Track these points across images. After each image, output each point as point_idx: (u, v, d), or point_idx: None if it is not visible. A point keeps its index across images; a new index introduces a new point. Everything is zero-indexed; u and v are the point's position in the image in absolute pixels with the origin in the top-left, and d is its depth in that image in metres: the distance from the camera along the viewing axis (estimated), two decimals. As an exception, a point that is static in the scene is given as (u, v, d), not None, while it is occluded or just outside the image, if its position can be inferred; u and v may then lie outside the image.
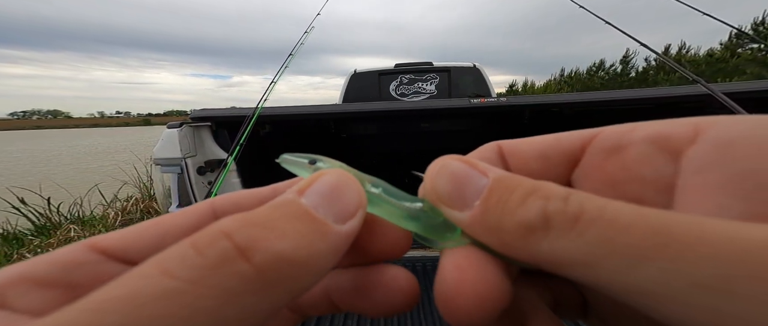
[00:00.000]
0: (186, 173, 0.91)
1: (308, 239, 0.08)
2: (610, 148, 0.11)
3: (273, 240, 0.08)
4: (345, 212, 0.10)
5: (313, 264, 0.08)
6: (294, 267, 0.08)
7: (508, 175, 0.10)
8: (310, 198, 0.09)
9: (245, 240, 0.08)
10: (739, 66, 15.91)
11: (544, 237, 0.08)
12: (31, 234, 2.61)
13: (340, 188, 0.10)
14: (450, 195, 0.10)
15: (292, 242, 0.08)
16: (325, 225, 0.09)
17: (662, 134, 0.10)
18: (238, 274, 0.07)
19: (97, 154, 14.57)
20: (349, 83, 2.95)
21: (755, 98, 0.83)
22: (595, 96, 0.99)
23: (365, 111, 0.97)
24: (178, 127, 0.90)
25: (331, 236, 0.09)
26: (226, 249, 0.07)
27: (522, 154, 0.13)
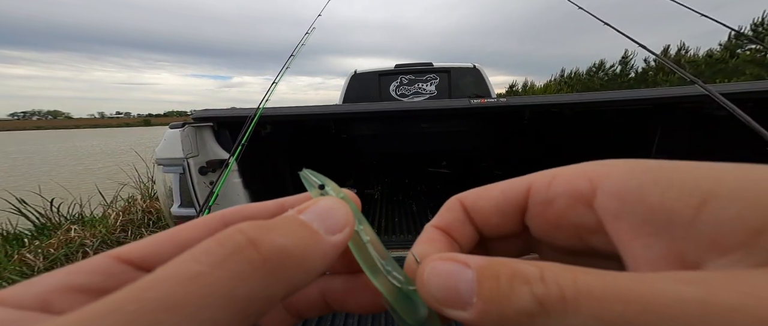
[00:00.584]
0: (188, 173, 0.91)
1: (304, 241, 0.11)
2: (542, 202, 0.13)
3: (277, 236, 0.10)
4: (334, 227, 0.12)
5: (306, 262, 0.10)
6: (291, 260, 0.10)
7: (484, 263, 0.11)
8: (307, 216, 0.12)
9: (255, 235, 0.09)
10: (738, 67, 15.93)
11: (545, 318, 0.09)
12: (32, 234, 2.61)
13: (332, 210, 0.12)
14: (448, 300, 0.11)
15: (291, 240, 0.10)
16: (317, 234, 0.11)
17: (573, 189, 0.12)
18: (248, 259, 0.09)
19: (98, 155, 14.56)
20: (350, 84, 2.95)
21: (751, 99, 0.84)
22: (595, 96, 0.99)
23: (366, 111, 0.97)
24: (180, 128, 0.90)
25: (322, 243, 0.11)
26: (240, 241, 0.09)
27: (483, 210, 0.15)
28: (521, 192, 0.14)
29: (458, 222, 0.15)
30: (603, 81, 25.42)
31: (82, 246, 2.28)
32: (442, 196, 0.18)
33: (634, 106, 1.24)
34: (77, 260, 0.96)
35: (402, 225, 1.38)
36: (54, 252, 2.18)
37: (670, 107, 1.29)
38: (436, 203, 1.77)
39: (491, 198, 0.15)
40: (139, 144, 14.86)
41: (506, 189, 0.14)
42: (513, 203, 0.14)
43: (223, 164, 0.90)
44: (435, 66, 2.91)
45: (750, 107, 0.71)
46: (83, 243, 2.30)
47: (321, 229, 0.11)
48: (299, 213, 0.12)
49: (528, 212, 0.14)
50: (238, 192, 1.03)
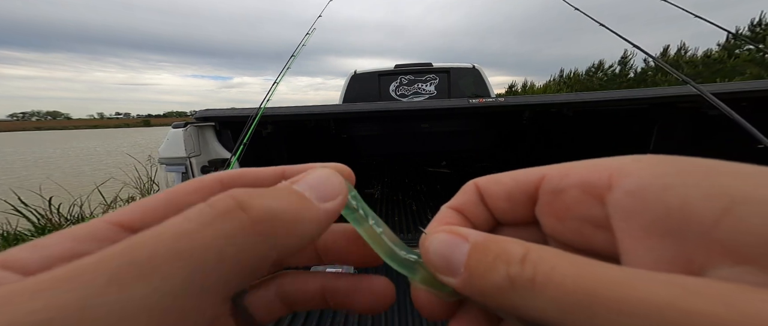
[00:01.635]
0: (190, 172, 0.92)
1: (294, 206, 0.11)
2: (552, 192, 0.13)
3: (266, 199, 0.10)
4: (326, 195, 0.12)
5: (297, 226, 0.10)
6: (281, 223, 0.10)
7: (481, 240, 0.11)
8: (299, 185, 0.12)
9: (245, 199, 0.10)
10: (736, 67, 15.96)
11: (514, 295, 0.10)
12: (32, 234, 2.61)
13: (325, 179, 0.12)
14: (441, 266, 0.12)
15: (281, 203, 0.10)
16: (308, 201, 0.11)
17: (586, 181, 0.12)
18: (237, 220, 0.09)
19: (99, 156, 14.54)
20: (349, 84, 2.96)
21: (745, 98, 0.85)
22: (593, 96, 1.00)
23: (366, 111, 0.98)
24: (183, 127, 0.91)
25: (313, 210, 0.11)
26: (230, 204, 0.09)
27: (493, 194, 0.15)
28: (533, 180, 0.14)
29: (472, 203, 0.16)
30: (602, 81, 25.45)
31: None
32: (442, 196, 0.19)
33: (630, 105, 1.26)
34: None
35: (402, 225, 1.38)
36: (55, 252, 2.19)
37: (666, 107, 1.30)
38: (436, 203, 1.78)
39: (503, 183, 0.15)
40: (137, 146, 14.81)
41: (518, 176, 0.15)
42: (523, 190, 0.14)
43: (224, 163, 0.90)
44: (434, 66, 2.92)
45: (745, 107, 0.72)
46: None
47: (313, 197, 0.11)
48: (292, 184, 0.12)
49: (538, 202, 0.14)
50: None
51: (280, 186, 0.12)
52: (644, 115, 1.42)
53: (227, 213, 0.09)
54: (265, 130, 1.25)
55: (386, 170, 2.64)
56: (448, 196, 0.16)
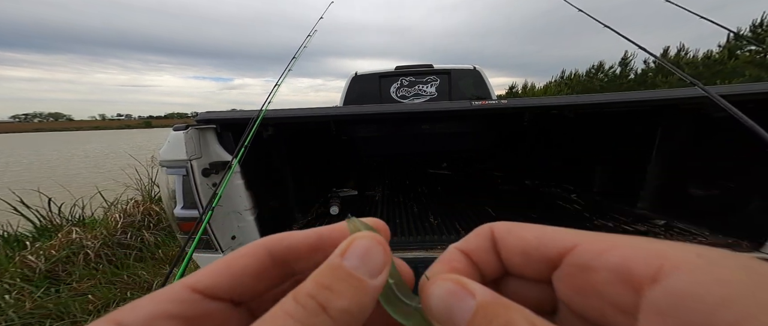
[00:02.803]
0: (191, 175, 0.92)
1: (356, 296, 0.12)
2: (581, 266, 0.13)
3: (338, 300, 0.12)
4: (375, 269, 0.13)
5: (360, 312, 0.12)
6: (349, 315, 0.12)
7: (489, 300, 0.12)
8: (349, 261, 0.13)
9: (324, 301, 0.12)
10: (737, 68, 15.94)
11: None
12: (33, 236, 2.61)
13: (371, 250, 0.13)
14: (443, 318, 0.12)
15: (347, 300, 0.12)
16: (362, 282, 0.13)
17: (627, 268, 0.11)
18: (324, 321, 0.11)
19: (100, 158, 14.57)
20: (350, 85, 2.96)
21: (752, 100, 0.84)
22: (595, 98, 1.00)
23: (368, 113, 0.98)
24: (184, 130, 0.91)
25: (368, 289, 0.12)
26: (315, 306, 0.12)
27: (510, 246, 0.15)
28: (560, 248, 0.13)
29: (483, 250, 0.15)
30: (602, 82, 25.45)
31: (82, 248, 2.28)
32: (442, 197, 0.18)
33: (634, 107, 1.25)
34: (78, 262, 0.96)
35: (403, 227, 1.38)
36: (55, 254, 2.18)
37: (670, 109, 1.30)
38: (437, 204, 1.78)
39: (524, 239, 0.15)
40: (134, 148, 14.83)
41: (544, 236, 0.14)
42: (545, 254, 0.14)
43: (225, 166, 0.90)
44: (435, 68, 2.92)
45: (751, 109, 0.71)
46: (84, 244, 2.30)
47: (365, 275, 0.13)
48: (343, 258, 0.13)
49: (560, 270, 0.13)
50: (240, 194, 1.03)
51: (339, 271, 0.13)
52: (647, 116, 1.41)
53: (316, 315, 0.11)
54: (266, 132, 1.25)
55: (387, 171, 2.64)
56: (449, 197, 0.16)
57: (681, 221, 1.26)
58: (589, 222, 1.32)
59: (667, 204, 1.35)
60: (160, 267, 2.30)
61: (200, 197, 0.93)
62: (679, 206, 1.30)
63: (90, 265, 2.19)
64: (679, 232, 1.17)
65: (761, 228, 0.97)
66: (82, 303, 1.83)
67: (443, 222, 1.37)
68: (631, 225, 1.27)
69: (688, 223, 1.23)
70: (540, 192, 1.86)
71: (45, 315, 1.72)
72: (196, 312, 0.13)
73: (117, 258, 2.29)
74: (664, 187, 1.38)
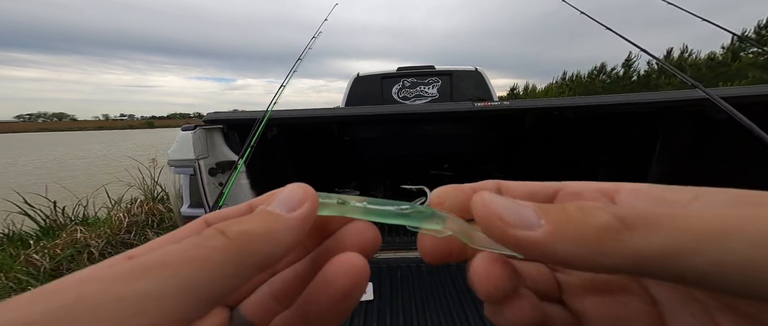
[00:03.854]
0: (198, 174, 0.93)
1: (266, 222, 0.13)
2: (573, 193, 0.16)
3: (241, 225, 0.12)
4: (292, 205, 0.14)
5: (271, 236, 0.13)
6: (256, 237, 0.12)
7: (540, 204, 0.13)
8: (272, 206, 0.14)
9: (223, 226, 0.12)
10: (740, 70, 15.85)
11: (628, 236, 0.10)
12: (37, 235, 2.63)
13: (291, 192, 0.14)
14: (516, 221, 0.12)
15: (253, 224, 0.13)
16: (278, 215, 0.13)
17: (601, 188, 0.16)
18: (218, 241, 0.12)
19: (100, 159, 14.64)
20: (352, 87, 2.97)
21: (754, 103, 0.85)
22: (597, 100, 1.00)
23: (372, 114, 0.99)
24: (192, 130, 0.92)
25: (284, 220, 0.13)
26: (212, 231, 0.12)
27: (515, 191, 0.17)
28: (553, 187, 0.17)
29: (491, 189, 0.17)
30: (605, 84, 25.34)
31: (87, 247, 2.30)
32: None
33: (635, 109, 1.25)
34: (83, 261, 0.98)
35: (404, 228, 1.38)
36: (60, 253, 2.20)
37: (671, 110, 1.30)
38: None
39: (526, 184, 0.17)
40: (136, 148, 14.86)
41: (538, 184, 0.17)
42: (545, 190, 0.17)
43: (232, 166, 0.91)
44: (437, 69, 2.93)
45: (753, 111, 0.72)
46: (88, 243, 2.32)
47: (283, 211, 0.14)
48: (266, 206, 0.14)
49: (557, 199, 0.16)
50: (245, 193, 1.04)
51: (257, 211, 0.14)
52: (648, 118, 1.41)
53: (211, 237, 0.12)
54: (270, 133, 1.26)
55: (389, 172, 2.64)
56: None
57: None
58: None
59: None
60: (163, 266, 2.32)
61: (207, 196, 0.95)
62: None
63: (94, 264, 2.21)
64: None
65: None
66: (87, 302, 1.85)
67: None
68: None
69: None
70: None
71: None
72: None
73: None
74: None
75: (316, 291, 0.14)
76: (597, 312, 0.15)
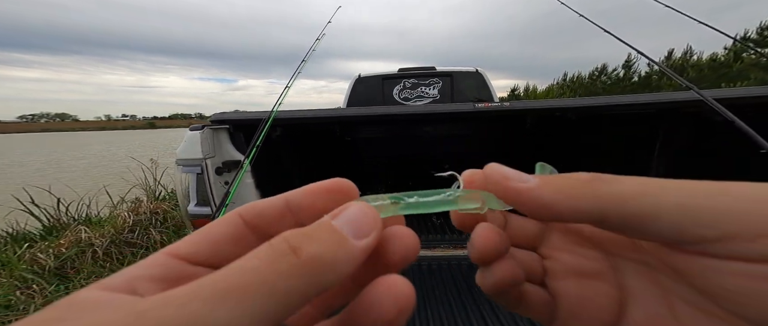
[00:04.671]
0: (205, 173, 0.95)
1: (334, 247, 0.12)
2: None
3: (313, 245, 0.12)
4: (361, 232, 0.13)
5: (336, 266, 0.12)
6: (324, 265, 0.12)
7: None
8: (338, 221, 0.13)
9: (296, 243, 0.12)
10: (742, 71, 15.80)
11: (599, 185, 0.14)
12: (41, 234, 2.66)
13: (361, 215, 0.14)
14: (514, 176, 0.16)
15: (324, 247, 0.12)
16: (345, 238, 0.13)
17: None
18: (291, 262, 0.11)
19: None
20: (353, 87, 2.99)
21: (749, 104, 0.86)
22: (597, 101, 1.02)
23: (375, 115, 1.01)
24: (199, 130, 0.94)
25: (350, 247, 0.13)
26: (285, 248, 0.12)
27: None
28: None
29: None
30: (605, 85, 25.29)
31: (90, 246, 2.32)
32: None
33: (634, 110, 1.26)
34: (87, 259, 1.00)
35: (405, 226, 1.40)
36: (65, 252, 2.22)
37: (670, 112, 1.31)
38: None
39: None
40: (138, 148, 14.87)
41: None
42: None
43: (237, 165, 0.93)
44: (438, 70, 2.94)
45: (747, 113, 0.73)
46: (92, 243, 2.34)
47: (349, 234, 0.13)
48: (333, 219, 0.13)
49: None
50: (250, 192, 1.06)
51: (322, 224, 0.13)
52: (648, 119, 1.42)
53: (284, 255, 0.11)
54: (274, 133, 1.28)
55: (390, 173, 2.66)
56: None
57: None
58: None
59: None
60: (167, 265, 2.34)
61: (213, 195, 0.96)
62: None
63: (98, 263, 2.23)
64: None
65: None
66: (91, 300, 1.87)
67: (445, 222, 1.39)
68: None
69: None
70: None
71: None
72: (180, 274, 0.13)
73: (124, 257, 2.33)
74: None
75: (360, 313, 0.14)
76: (569, 292, 0.17)
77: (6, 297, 1.78)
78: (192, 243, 0.14)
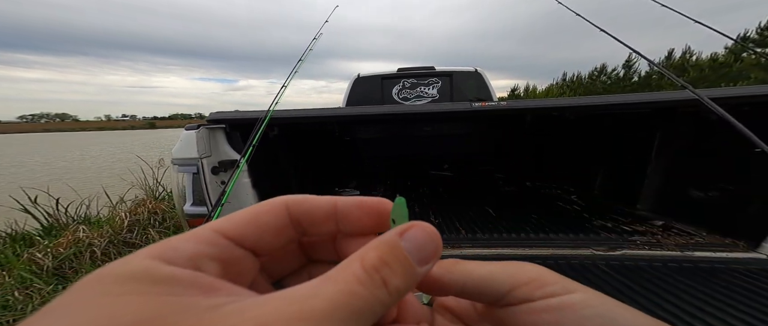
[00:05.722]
0: (201, 173, 0.95)
1: (406, 278, 0.13)
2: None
3: (394, 278, 0.13)
4: (424, 259, 0.14)
5: (406, 293, 0.14)
6: (399, 295, 0.13)
7: None
8: (407, 243, 0.14)
9: (386, 277, 0.13)
10: (742, 71, 15.81)
11: (458, 263, 0.18)
12: (39, 234, 2.66)
13: (427, 240, 0.14)
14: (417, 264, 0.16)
15: (401, 280, 0.13)
16: (413, 267, 0.14)
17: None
18: (383, 294, 0.12)
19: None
20: (353, 87, 2.99)
21: (745, 103, 0.86)
22: (595, 100, 1.02)
23: (372, 114, 1.00)
24: (195, 129, 0.94)
25: (415, 275, 0.14)
26: (379, 280, 0.13)
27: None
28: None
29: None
30: (605, 85, 25.30)
31: (89, 246, 2.32)
32: (444, 198, 0.22)
33: (632, 109, 1.26)
34: (85, 260, 0.99)
35: None
36: (63, 252, 2.22)
37: (667, 111, 1.31)
38: (438, 204, 1.80)
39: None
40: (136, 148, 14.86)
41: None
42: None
43: (234, 164, 0.93)
44: (437, 70, 2.94)
45: (743, 112, 0.73)
46: (91, 243, 2.34)
47: (415, 260, 0.14)
48: (400, 237, 0.14)
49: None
50: (247, 192, 1.06)
51: (398, 252, 0.14)
52: (646, 119, 1.42)
53: (379, 287, 0.13)
54: (271, 133, 1.28)
55: (389, 173, 2.66)
56: (450, 198, 0.19)
57: (680, 222, 1.27)
58: (589, 223, 1.34)
59: (666, 204, 1.37)
60: (165, 265, 2.33)
61: (209, 194, 0.96)
62: (677, 207, 1.31)
63: (96, 263, 2.23)
64: (677, 233, 1.18)
65: (758, 229, 0.99)
66: (89, 300, 1.86)
67: (444, 222, 1.39)
68: (629, 226, 1.28)
69: (687, 224, 1.24)
70: (540, 194, 1.87)
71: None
72: (230, 256, 0.14)
73: (123, 257, 2.33)
74: (663, 188, 1.39)
75: None
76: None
77: (4, 297, 1.78)
78: (239, 224, 0.15)
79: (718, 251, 0.99)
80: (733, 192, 1.10)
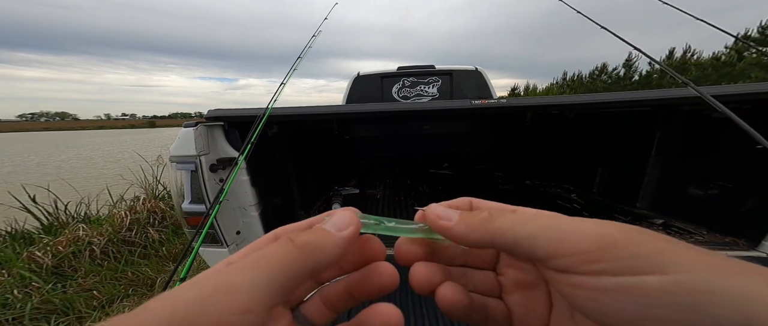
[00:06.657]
0: (200, 170, 0.95)
1: (321, 237, 0.18)
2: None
3: (304, 235, 0.18)
4: (341, 226, 0.19)
5: (324, 247, 0.18)
6: (314, 247, 0.17)
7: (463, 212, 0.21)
8: (326, 224, 0.19)
9: (293, 236, 0.18)
10: (744, 70, 15.79)
11: (491, 221, 0.19)
12: (39, 232, 2.66)
13: (341, 216, 0.20)
14: (444, 216, 0.21)
15: (313, 237, 0.18)
16: (330, 233, 0.19)
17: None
18: (289, 246, 0.17)
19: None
20: (353, 86, 2.99)
21: (743, 100, 0.85)
22: (594, 97, 1.01)
23: (370, 111, 1.00)
24: (193, 127, 0.94)
25: (333, 237, 0.18)
26: (285, 240, 0.17)
27: (481, 205, 0.23)
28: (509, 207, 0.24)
29: (464, 205, 0.23)
30: (606, 84, 25.27)
31: (89, 245, 2.32)
32: (443, 197, 0.23)
33: (632, 107, 1.26)
34: (84, 258, 1.00)
35: None
36: (62, 250, 2.22)
37: (668, 108, 1.31)
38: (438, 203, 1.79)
39: (489, 203, 0.23)
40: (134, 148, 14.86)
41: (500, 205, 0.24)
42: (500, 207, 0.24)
43: (232, 162, 0.92)
44: (437, 68, 2.93)
45: (747, 109, 0.72)
46: (91, 241, 2.34)
47: (333, 229, 0.19)
48: (323, 224, 0.19)
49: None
50: (245, 190, 1.06)
51: (314, 228, 0.19)
52: (647, 117, 1.42)
53: (285, 243, 0.17)
54: (270, 130, 1.27)
55: (388, 171, 2.66)
56: (450, 197, 0.22)
57: (680, 220, 1.27)
58: None
59: (666, 203, 1.36)
60: (164, 264, 2.33)
61: (208, 192, 0.96)
62: (677, 205, 1.31)
63: (95, 262, 2.23)
64: (677, 231, 1.18)
65: (758, 227, 0.98)
66: (87, 299, 1.86)
67: None
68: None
69: (687, 222, 1.24)
70: (540, 192, 1.87)
71: (51, 310, 1.75)
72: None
73: (122, 255, 2.33)
74: (663, 187, 1.39)
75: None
76: (519, 303, 0.21)
77: (3, 295, 1.78)
78: (244, 255, 0.19)
79: (718, 249, 0.99)
80: (733, 190, 1.09)
